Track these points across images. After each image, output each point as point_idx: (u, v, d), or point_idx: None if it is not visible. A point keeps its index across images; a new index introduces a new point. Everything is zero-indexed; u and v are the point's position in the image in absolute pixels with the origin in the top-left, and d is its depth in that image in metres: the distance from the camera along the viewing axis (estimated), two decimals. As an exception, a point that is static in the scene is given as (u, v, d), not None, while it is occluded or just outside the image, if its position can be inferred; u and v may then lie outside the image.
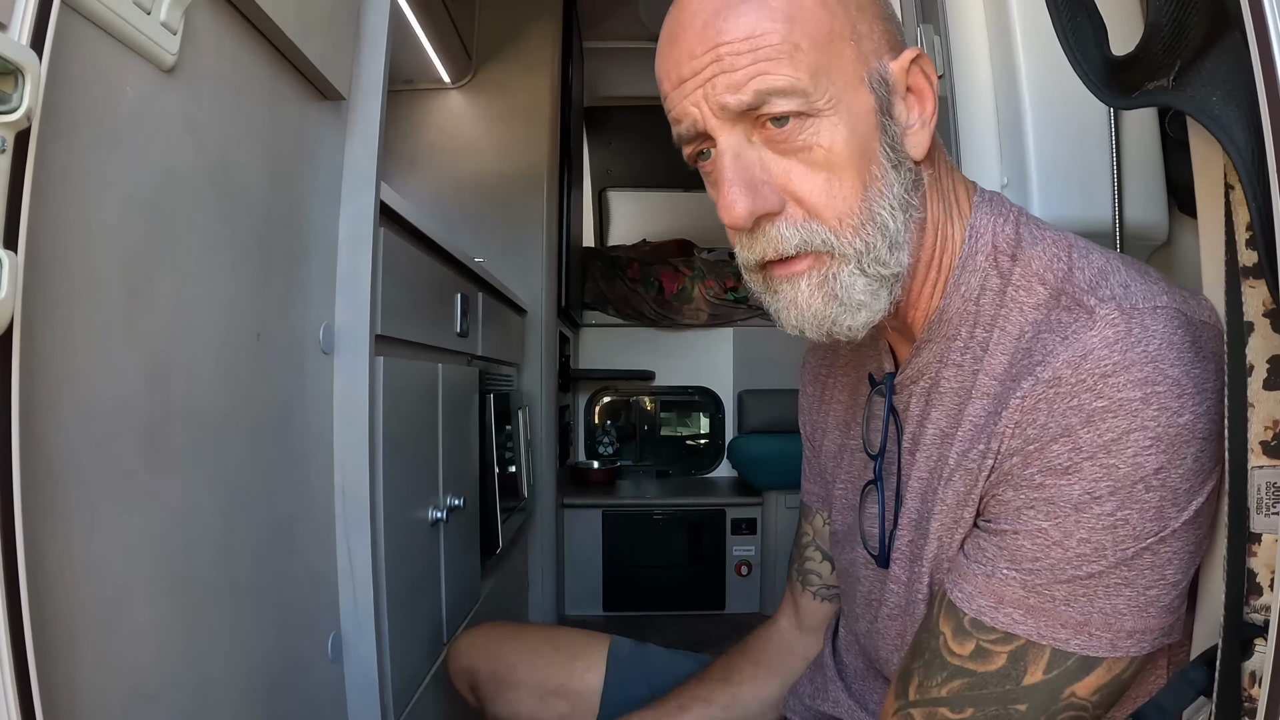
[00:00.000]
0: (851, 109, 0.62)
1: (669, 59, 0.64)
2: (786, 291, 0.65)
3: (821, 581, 0.95)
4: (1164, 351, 0.57)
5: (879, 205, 0.62)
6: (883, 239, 0.62)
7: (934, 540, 0.68)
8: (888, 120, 0.63)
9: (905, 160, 0.64)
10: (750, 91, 0.60)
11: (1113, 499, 0.56)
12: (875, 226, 0.62)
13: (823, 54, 0.61)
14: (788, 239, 0.63)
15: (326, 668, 1.02)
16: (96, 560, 0.59)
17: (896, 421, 0.74)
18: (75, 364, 0.57)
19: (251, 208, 0.84)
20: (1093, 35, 0.65)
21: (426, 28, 2.29)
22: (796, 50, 0.60)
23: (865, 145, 0.62)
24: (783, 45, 0.60)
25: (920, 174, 0.66)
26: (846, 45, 0.62)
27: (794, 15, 0.61)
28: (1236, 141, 0.50)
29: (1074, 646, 0.59)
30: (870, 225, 0.62)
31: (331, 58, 0.97)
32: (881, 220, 0.62)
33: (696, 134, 0.64)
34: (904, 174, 0.64)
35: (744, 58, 0.60)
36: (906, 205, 0.64)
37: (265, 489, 0.87)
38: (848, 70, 0.62)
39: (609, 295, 3.53)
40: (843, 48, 0.62)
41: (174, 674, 0.69)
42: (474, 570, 1.74)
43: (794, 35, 0.60)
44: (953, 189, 0.70)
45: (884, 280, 0.64)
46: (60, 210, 0.55)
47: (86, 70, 0.57)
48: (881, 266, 0.63)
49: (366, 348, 1.07)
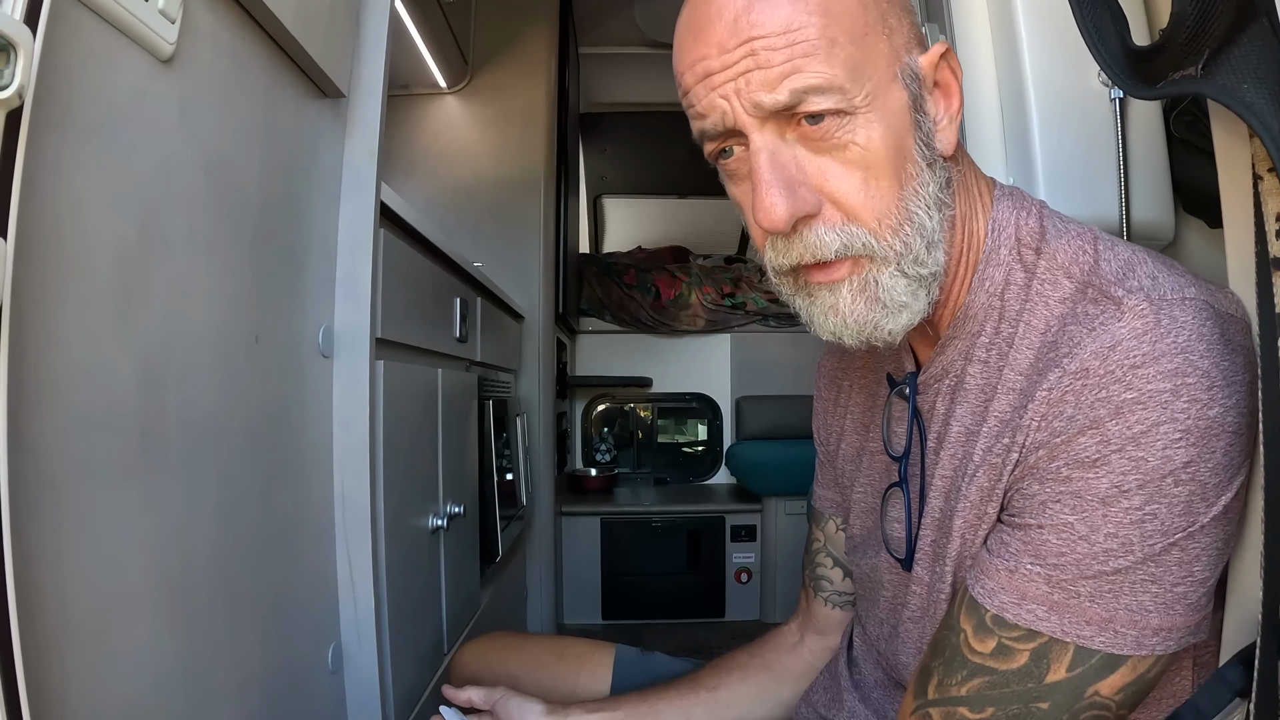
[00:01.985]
0: (887, 105, 0.60)
1: (693, 52, 0.61)
2: (825, 298, 0.63)
3: (833, 588, 0.94)
4: (1193, 343, 0.55)
5: (915, 204, 0.61)
6: (920, 239, 0.61)
7: (957, 538, 0.67)
8: (921, 117, 0.62)
9: (937, 157, 0.63)
10: (786, 90, 0.58)
11: (1141, 493, 0.55)
12: (913, 226, 0.61)
13: (859, 48, 0.59)
14: (828, 243, 0.61)
15: (327, 679, 1.00)
16: (89, 567, 0.57)
17: (919, 422, 0.72)
18: (66, 362, 0.55)
19: (249, 205, 0.82)
20: (1114, 27, 0.64)
21: (423, 32, 2.28)
22: (833, 45, 0.58)
23: (901, 143, 0.61)
24: (819, 40, 0.58)
25: (950, 170, 0.65)
26: (880, 39, 0.60)
27: (829, 8, 0.59)
28: (1270, 129, 0.49)
29: (1098, 644, 0.58)
30: (909, 225, 0.61)
31: (331, 54, 0.95)
32: (919, 220, 0.61)
33: (724, 131, 0.62)
34: (937, 171, 0.63)
35: (780, 53, 0.58)
36: (940, 203, 0.63)
37: (263, 495, 0.85)
38: (882, 65, 0.60)
39: (606, 301, 3.51)
40: (877, 42, 0.60)
41: (169, 685, 0.67)
42: (474, 579, 1.72)
43: (830, 29, 0.58)
44: (975, 184, 0.69)
45: (923, 280, 0.62)
46: (52, 201, 0.53)
47: (82, 56, 0.55)
48: (920, 266, 0.62)
49: (366, 351, 1.05)
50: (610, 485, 3.47)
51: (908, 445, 0.74)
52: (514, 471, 2.12)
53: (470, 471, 1.70)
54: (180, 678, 0.68)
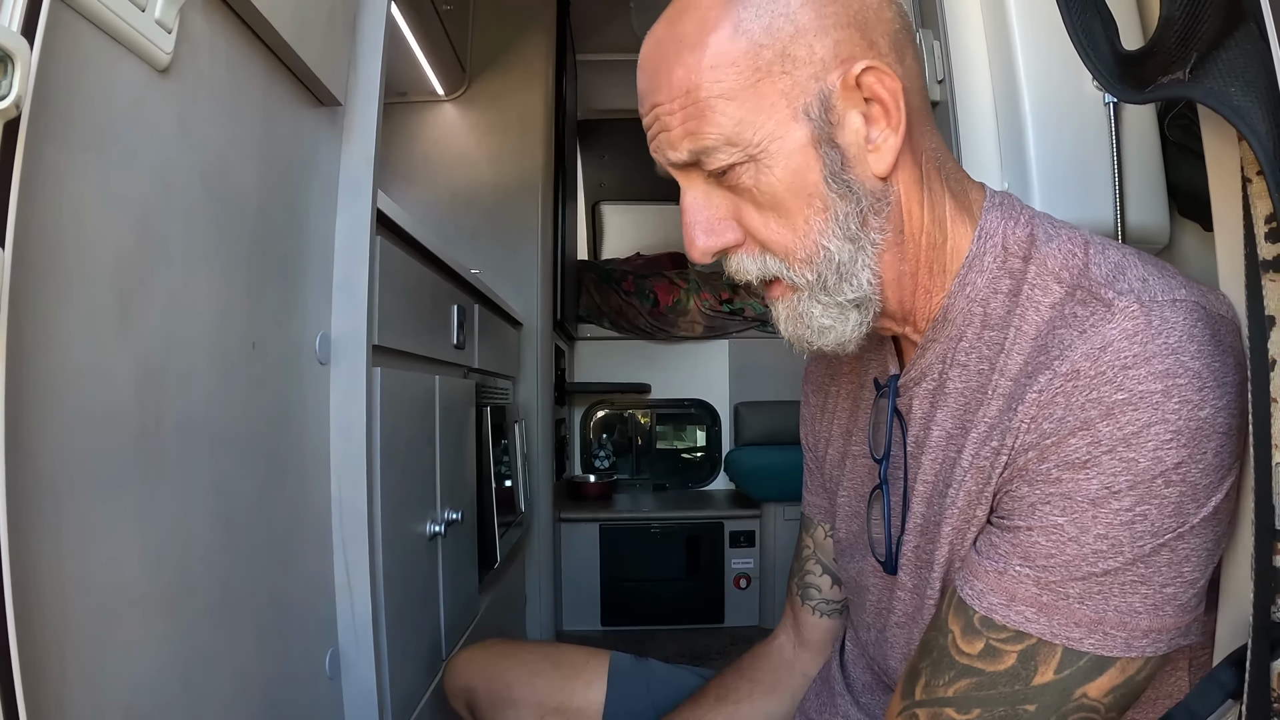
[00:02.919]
0: (785, 147, 0.62)
1: (639, 109, 0.68)
2: (773, 312, 0.70)
3: (821, 596, 0.94)
4: (1184, 344, 0.55)
5: (824, 239, 0.63)
6: (831, 270, 0.64)
7: (945, 545, 0.67)
8: (830, 149, 0.62)
9: (859, 185, 0.63)
10: (685, 150, 0.63)
11: (1131, 494, 0.55)
12: (822, 259, 0.63)
13: (750, 98, 0.61)
14: (748, 270, 0.67)
15: (324, 685, 1.00)
16: (87, 572, 0.57)
17: (901, 423, 0.73)
18: (65, 369, 0.55)
19: (246, 213, 0.82)
20: (1103, 31, 0.64)
21: (420, 39, 2.29)
22: (722, 101, 0.61)
23: (804, 181, 0.62)
24: (707, 100, 0.61)
25: (887, 190, 0.64)
26: (777, 80, 0.61)
27: (716, 65, 0.61)
28: (1258, 132, 0.49)
29: (1087, 646, 0.58)
30: (817, 258, 0.64)
31: (328, 63, 0.96)
32: (828, 253, 0.63)
33: (668, 176, 0.68)
34: (855, 202, 0.63)
35: (675, 117, 0.63)
36: (857, 235, 0.63)
37: (261, 501, 0.85)
38: (779, 106, 0.61)
39: (604, 308, 3.52)
40: (772, 85, 0.61)
41: (167, 690, 0.67)
42: (472, 585, 1.71)
43: (718, 87, 0.61)
44: (958, 192, 0.69)
45: (843, 305, 0.65)
46: (51, 210, 0.53)
47: (79, 66, 0.56)
48: (836, 294, 0.65)
49: (364, 358, 1.05)
50: (609, 491, 3.46)
51: (887, 447, 0.74)
52: (513, 478, 2.12)
53: (468, 478, 1.70)
54: (178, 683, 0.68)
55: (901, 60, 0.64)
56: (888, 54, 0.63)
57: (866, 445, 0.79)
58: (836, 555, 0.87)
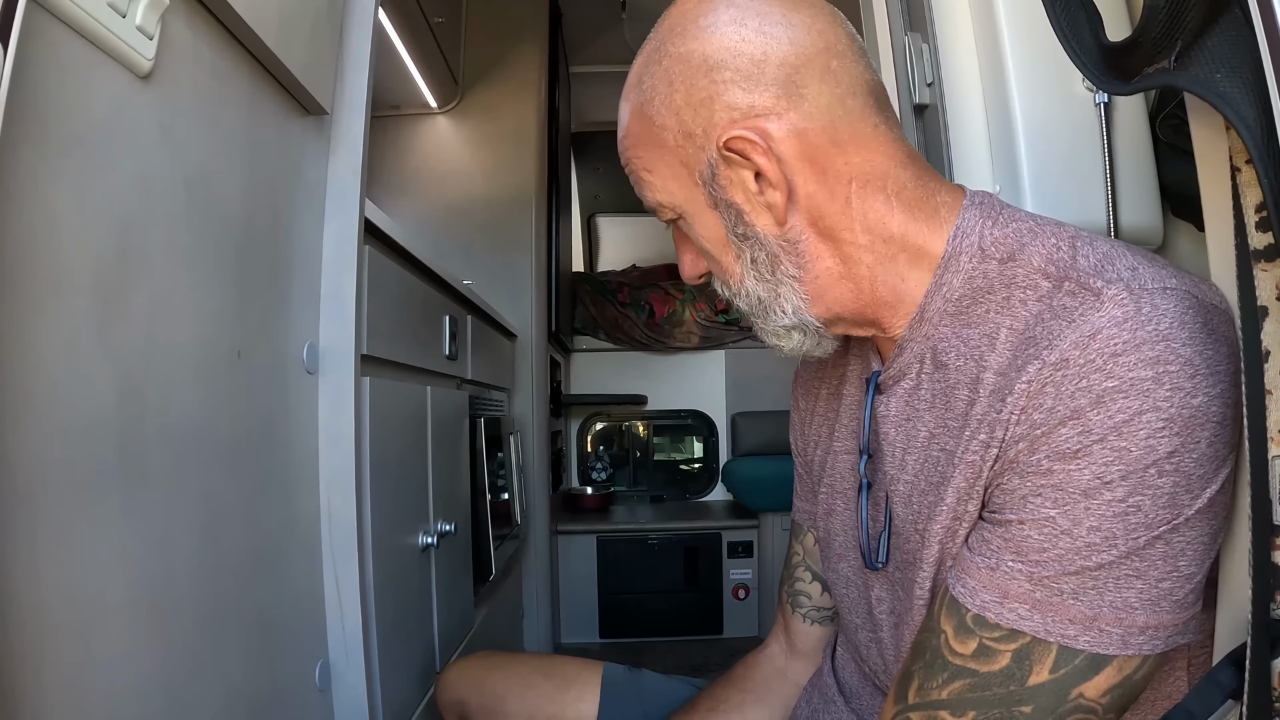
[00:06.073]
0: (695, 209, 0.70)
1: None
2: None
3: (812, 603, 0.93)
4: (1175, 331, 0.55)
5: (744, 281, 0.71)
6: (756, 304, 0.71)
7: (935, 544, 0.66)
8: (725, 209, 0.69)
9: (761, 234, 0.68)
10: (645, 200, 0.74)
11: (1124, 484, 0.54)
12: (745, 295, 0.71)
13: (662, 169, 0.70)
14: (721, 292, 0.75)
15: (314, 697, 0.99)
16: (67, 583, 0.56)
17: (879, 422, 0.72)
18: (43, 376, 0.54)
19: (230, 221, 0.82)
20: (1088, 24, 0.64)
21: (412, 52, 2.29)
22: (645, 173, 0.71)
23: (717, 235, 0.70)
24: (637, 171, 0.72)
25: (789, 233, 0.68)
26: (679, 153, 0.68)
27: (634, 143, 0.71)
28: (1245, 118, 0.49)
29: (1082, 643, 0.56)
30: (743, 295, 0.72)
31: (313, 71, 0.95)
32: (749, 291, 0.71)
33: None
34: (761, 248, 0.69)
35: (633, 175, 0.73)
36: (768, 278, 0.69)
37: (248, 511, 0.84)
38: (683, 176, 0.69)
39: (600, 320, 3.51)
40: (674, 157, 0.69)
41: (151, 702, 0.66)
42: (466, 597, 1.70)
43: (639, 162, 0.71)
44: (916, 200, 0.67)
45: (777, 330, 0.72)
46: (29, 216, 0.53)
47: (59, 72, 0.55)
48: (767, 321, 0.72)
49: (352, 367, 1.05)
50: (606, 503, 3.45)
51: (866, 444, 0.74)
52: (508, 490, 2.11)
53: (462, 490, 1.69)
54: (163, 695, 0.67)
55: (799, 100, 0.64)
56: (776, 103, 0.64)
57: (849, 442, 0.79)
58: (823, 558, 0.86)
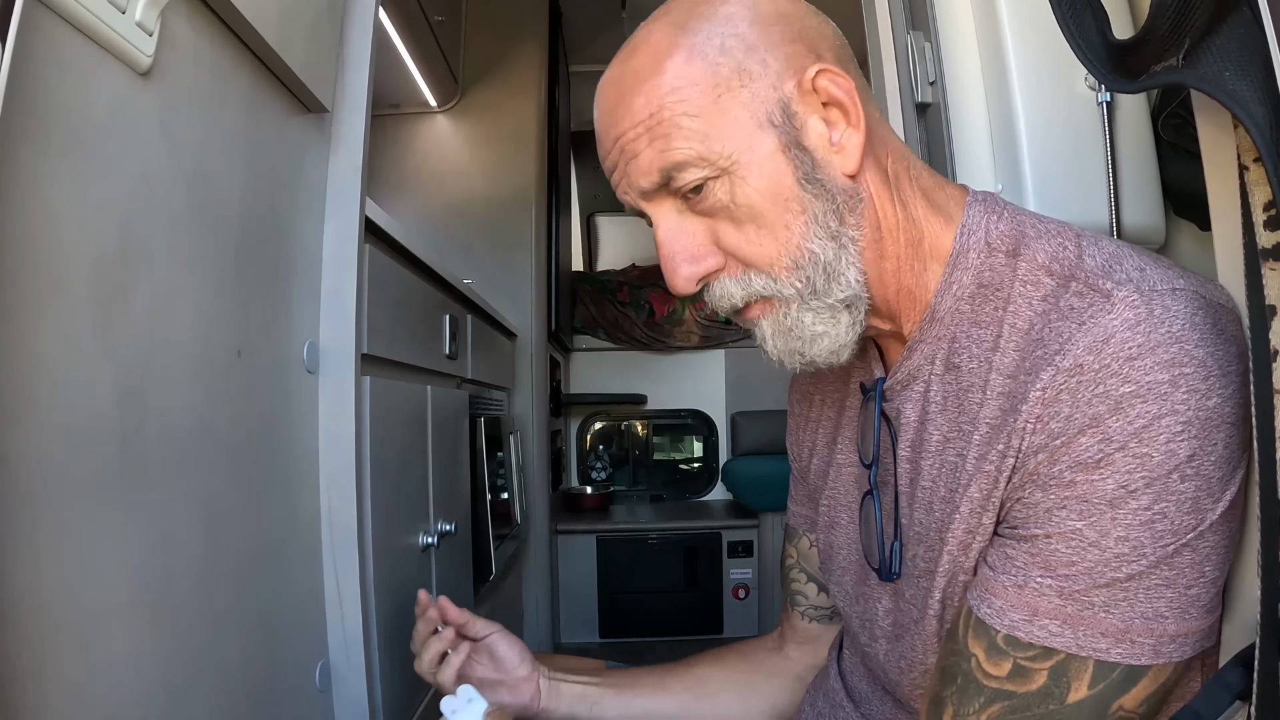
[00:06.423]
0: (755, 156, 0.62)
1: (599, 156, 0.68)
2: (756, 333, 0.69)
3: (809, 603, 0.94)
4: (1188, 332, 0.54)
5: (808, 242, 0.63)
6: (819, 272, 0.64)
7: (948, 554, 0.65)
8: (799, 152, 0.63)
9: (831, 184, 0.63)
10: (656, 171, 0.63)
11: (1149, 492, 0.54)
12: (808, 262, 0.63)
13: (713, 113, 0.62)
14: (733, 294, 0.66)
15: (315, 697, 0.98)
16: (67, 584, 0.56)
17: (890, 428, 0.71)
18: (43, 376, 0.54)
19: (231, 219, 0.81)
20: (1094, 22, 0.63)
21: (413, 51, 2.29)
22: (686, 119, 0.62)
23: (778, 187, 0.63)
24: (672, 119, 0.62)
25: (858, 188, 0.65)
26: (738, 94, 0.62)
27: (676, 86, 0.62)
28: (1255, 117, 0.48)
29: (1116, 656, 0.56)
30: (803, 262, 0.64)
31: (314, 69, 0.95)
32: (813, 254, 0.63)
33: (638, 211, 0.68)
34: (830, 200, 0.63)
35: (641, 140, 0.63)
36: (837, 233, 0.64)
37: (248, 511, 0.84)
38: (744, 119, 0.62)
39: (599, 319, 3.51)
40: (733, 99, 0.62)
41: (152, 704, 0.65)
42: (467, 597, 1.70)
43: (680, 107, 0.62)
44: (930, 190, 0.68)
45: (834, 308, 0.65)
46: (28, 214, 0.52)
47: (58, 69, 0.55)
48: (825, 297, 0.64)
49: (352, 367, 1.04)
50: (606, 503, 3.45)
51: (876, 452, 0.72)
52: (508, 490, 2.10)
53: (462, 489, 1.69)
54: (163, 697, 0.67)
55: (848, 71, 0.66)
56: (834, 64, 0.65)
57: (853, 453, 0.78)
58: (822, 565, 0.85)
